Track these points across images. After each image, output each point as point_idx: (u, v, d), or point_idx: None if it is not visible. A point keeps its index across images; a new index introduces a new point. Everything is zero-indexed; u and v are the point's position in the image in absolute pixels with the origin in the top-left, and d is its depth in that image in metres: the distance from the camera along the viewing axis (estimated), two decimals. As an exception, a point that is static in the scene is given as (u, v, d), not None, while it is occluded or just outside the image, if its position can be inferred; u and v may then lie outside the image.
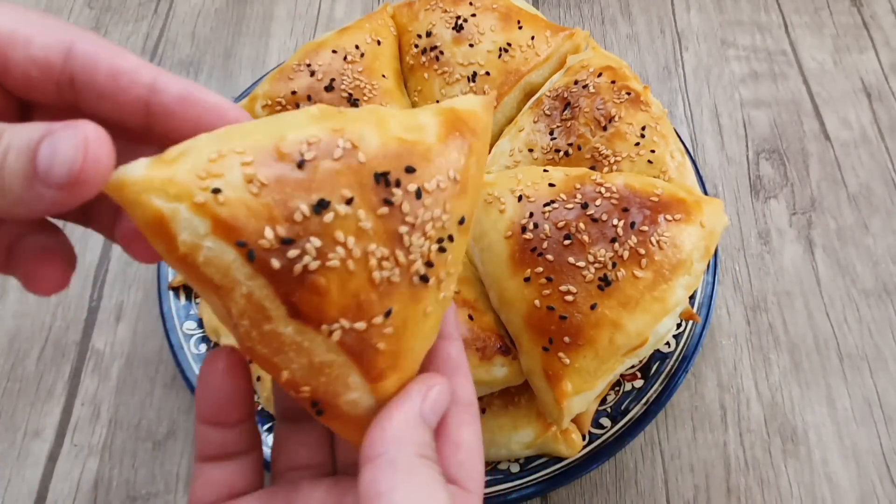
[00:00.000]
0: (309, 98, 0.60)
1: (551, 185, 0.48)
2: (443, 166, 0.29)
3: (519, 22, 0.65)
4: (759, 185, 0.75)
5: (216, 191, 0.25)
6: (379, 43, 0.65)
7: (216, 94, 0.29)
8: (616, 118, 0.57)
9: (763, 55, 0.85)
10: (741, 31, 0.88)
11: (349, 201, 0.27)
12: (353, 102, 0.60)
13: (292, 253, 0.26)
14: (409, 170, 0.28)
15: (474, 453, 0.31)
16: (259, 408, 0.58)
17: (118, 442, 0.61)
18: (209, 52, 0.86)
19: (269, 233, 0.26)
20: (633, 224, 0.45)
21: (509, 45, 0.64)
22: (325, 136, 0.27)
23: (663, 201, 0.47)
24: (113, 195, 0.26)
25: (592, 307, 0.44)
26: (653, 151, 0.56)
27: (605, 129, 0.57)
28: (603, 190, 0.47)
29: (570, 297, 0.44)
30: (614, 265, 0.44)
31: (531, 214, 0.47)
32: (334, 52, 0.62)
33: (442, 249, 0.30)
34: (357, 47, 0.63)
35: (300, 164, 0.26)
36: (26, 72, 0.27)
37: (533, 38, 0.64)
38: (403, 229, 0.28)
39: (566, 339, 0.45)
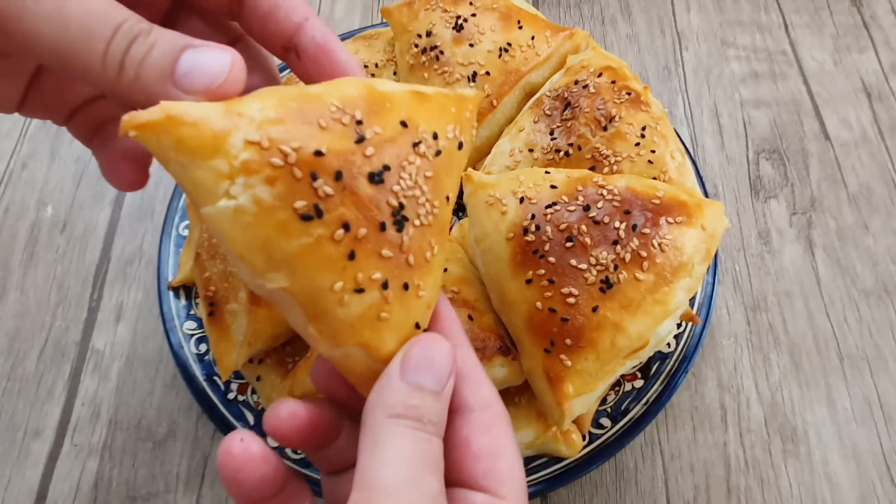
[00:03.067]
0: (338, 177, 0.59)
1: (553, 186, 0.48)
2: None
3: (519, 22, 0.65)
4: (759, 185, 0.75)
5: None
6: (460, 147, 0.57)
7: (347, 53, 0.33)
8: (616, 118, 0.57)
9: (763, 55, 0.85)
10: (741, 31, 0.88)
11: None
12: (398, 222, 0.59)
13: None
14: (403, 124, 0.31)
15: (500, 458, 0.30)
16: (259, 408, 0.58)
17: (118, 442, 0.61)
18: (209, 52, 0.86)
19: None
20: (634, 226, 0.45)
21: (509, 45, 0.64)
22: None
23: (665, 203, 0.47)
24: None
25: (594, 309, 0.44)
26: (653, 152, 0.56)
27: (605, 129, 0.57)
28: (605, 192, 0.47)
29: (571, 300, 0.44)
30: (616, 267, 0.44)
31: (533, 216, 0.47)
32: (404, 125, 0.60)
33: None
34: (436, 137, 0.59)
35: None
36: None
37: (533, 38, 0.64)
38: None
39: (568, 341, 0.45)
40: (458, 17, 0.64)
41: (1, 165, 0.77)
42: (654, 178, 0.58)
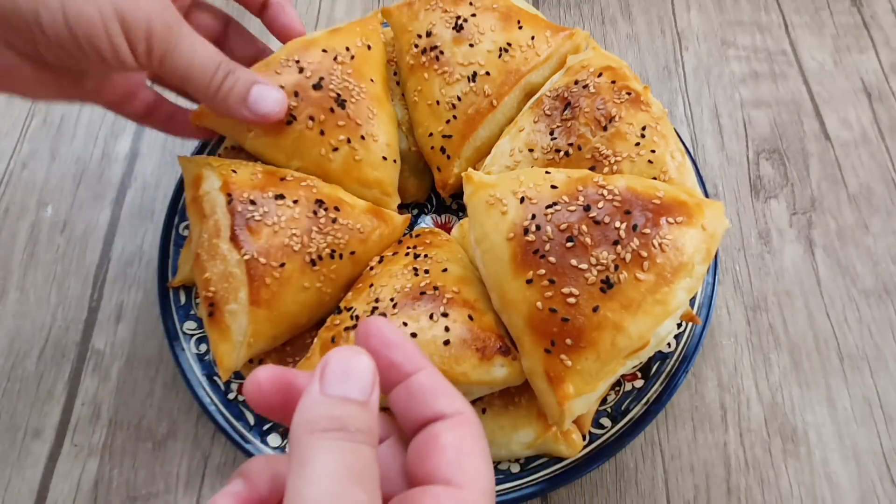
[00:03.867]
0: (296, 94, 0.59)
1: (553, 186, 0.48)
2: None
3: (519, 22, 0.65)
4: (759, 185, 0.75)
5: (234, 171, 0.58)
6: (369, 48, 0.65)
7: (293, 12, 0.59)
8: (616, 118, 0.57)
9: (763, 55, 0.85)
10: (741, 31, 0.88)
11: (295, 201, 0.57)
12: (340, 103, 0.60)
13: (251, 209, 0.55)
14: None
15: (464, 453, 0.31)
16: (259, 408, 0.58)
17: (118, 442, 0.61)
18: (209, 52, 0.86)
19: (245, 194, 0.56)
20: (635, 226, 0.45)
21: (509, 45, 0.63)
22: None
23: (665, 204, 0.47)
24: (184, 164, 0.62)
25: (595, 309, 0.44)
26: (653, 151, 0.56)
27: (605, 128, 0.57)
28: (605, 192, 0.47)
29: (572, 300, 0.44)
30: (616, 267, 0.44)
31: (533, 216, 0.47)
32: (324, 51, 0.61)
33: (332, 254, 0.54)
34: (347, 49, 0.63)
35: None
36: None
37: (533, 37, 0.64)
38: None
39: (568, 341, 0.45)
40: (458, 18, 0.64)
41: (1, 165, 0.77)
42: (655, 178, 0.58)
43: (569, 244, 0.45)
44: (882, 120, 0.80)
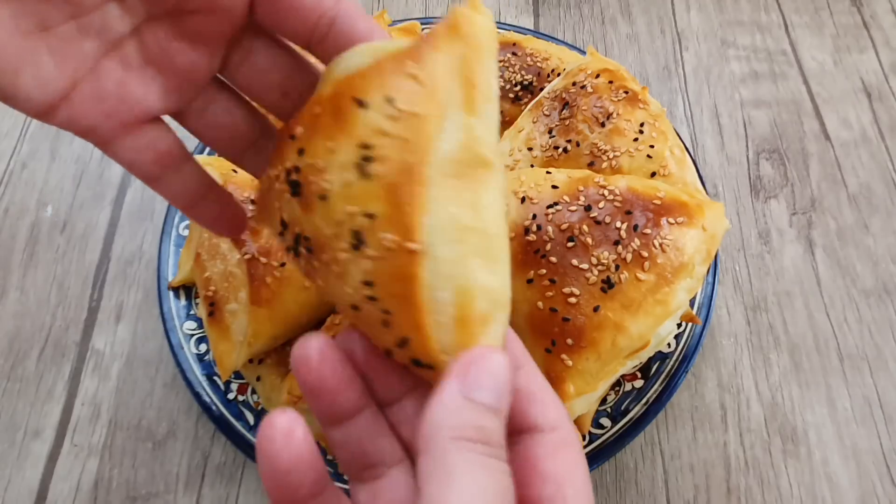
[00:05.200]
0: None
1: (554, 186, 0.48)
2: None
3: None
4: (759, 185, 0.75)
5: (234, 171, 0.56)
6: None
7: (368, 21, 0.31)
8: (614, 115, 0.57)
9: (763, 55, 0.85)
10: (741, 31, 0.88)
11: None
12: None
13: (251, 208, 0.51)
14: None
15: (567, 483, 0.28)
16: (259, 408, 0.58)
17: (118, 442, 0.61)
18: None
19: (246, 194, 0.54)
20: (636, 227, 0.45)
21: None
22: None
23: (665, 204, 0.47)
24: None
25: (595, 309, 0.44)
26: (651, 147, 0.56)
27: (602, 125, 0.57)
28: (606, 192, 0.47)
29: (573, 300, 0.44)
30: (617, 268, 0.44)
31: (534, 216, 0.47)
32: None
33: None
34: None
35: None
36: None
37: None
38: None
39: (569, 341, 0.45)
40: None
41: (1, 165, 0.77)
42: (654, 173, 0.58)
43: (570, 244, 0.46)
44: (882, 120, 0.80)
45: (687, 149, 0.63)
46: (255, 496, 0.59)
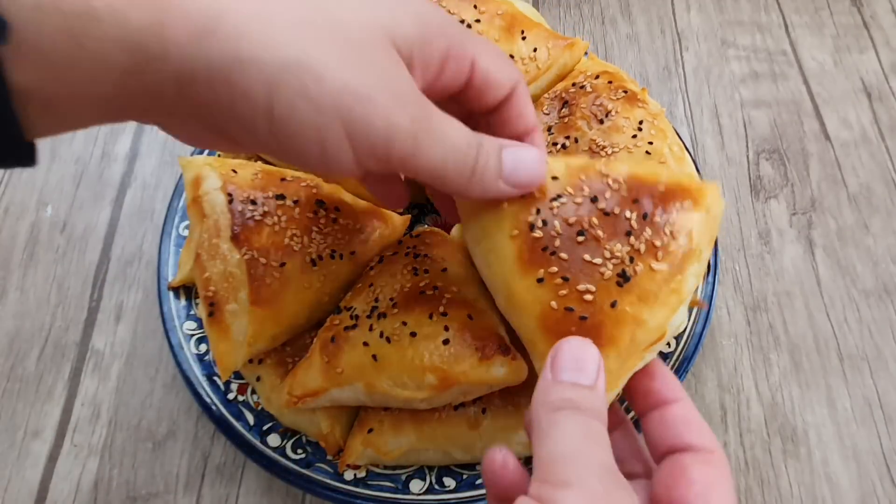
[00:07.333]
0: None
1: (554, 178, 0.46)
2: None
3: (523, 32, 0.64)
4: (759, 185, 0.75)
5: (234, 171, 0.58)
6: None
7: (532, 115, 0.42)
8: (613, 112, 0.57)
9: (763, 55, 0.85)
10: (741, 31, 0.88)
11: (296, 201, 0.54)
12: None
13: (251, 208, 0.55)
14: None
15: (711, 490, 0.33)
16: (259, 408, 0.58)
17: (118, 442, 0.61)
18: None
19: (245, 194, 0.56)
20: (645, 215, 0.43)
21: (511, 56, 0.63)
22: None
23: (670, 189, 0.45)
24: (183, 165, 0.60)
25: (612, 305, 0.42)
26: (650, 143, 0.56)
27: (601, 122, 0.57)
28: (610, 181, 0.45)
29: (589, 297, 0.42)
30: (632, 259, 0.42)
31: (538, 211, 0.45)
32: None
33: (325, 257, 0.54)
34: None
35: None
36: (487, 104, 0.41)
37: (535, 49, 0.64)
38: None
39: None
40: (462, 22, 0.64)
41: (1, 165, 0.77)
42: (653, 168, 0.58)
43: (580, 238, 0.43)
44: (882, 120, 0.80)
45: (687, 148, 0.63)
46: (255, 496, 0.59)
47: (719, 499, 0.32)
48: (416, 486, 0.55)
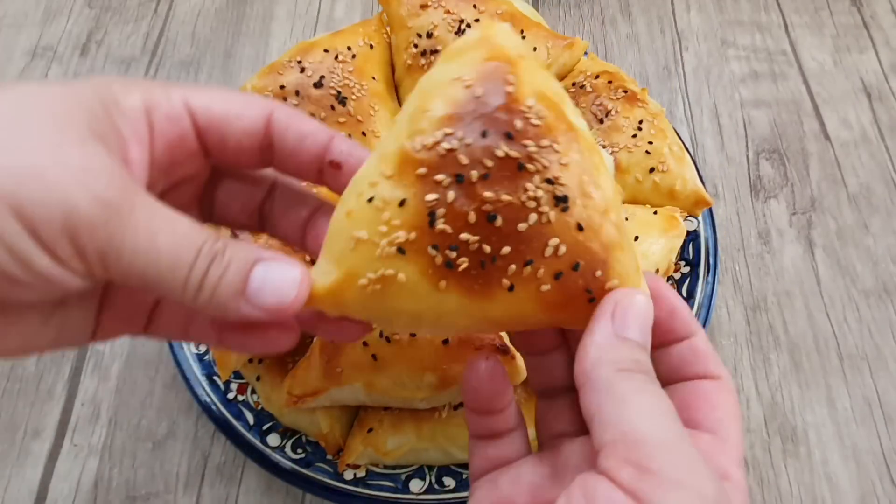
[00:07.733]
0: (297, 93, 0.60)
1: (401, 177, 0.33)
2: None
3: (522, 31, 0.64)
4: (759, 185, 0.75)
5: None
6: (371, 47, 0.66)
7: (360, 149, 0.35)
8: (613, 112, 0.57)
9: (763, 55, 0.85)
10: (741, 31, 0.88)
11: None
12: (340, 100, 0.61)
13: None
14: None
15: (729, 413, 0.34)
16: (259, 407, 0.58)
17: (118, 442, 0.61)
18: (209, 52, 0.86)
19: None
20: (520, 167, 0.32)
21: None
22: None
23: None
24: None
25: (579, 228, 0.32)
26: (650, 143, 0.56)
27: (601, 122, 0.57)
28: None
29: (560, 250, 0.31)
30: (559, 200, 0.32)
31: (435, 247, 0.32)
32: (326, 51, 0.63)
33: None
34: (349, 48, 0.64)
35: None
36: (239, 142, 0.33)
37: (535, 49, 0.64)
38: None
39: (598, 273, 0.31)
40: (462, 21, 0.64)
41: (1, 165, 0.77)
42: (652, 169, 0.58)
43: (495, 221, 0.31)
44: (882, 120, 0.80)
45: (686, 148, 0.63)
46: (255, 496, 0.59)
47: (732, 422, 0.34)
48: (416, 485, 0.55)
